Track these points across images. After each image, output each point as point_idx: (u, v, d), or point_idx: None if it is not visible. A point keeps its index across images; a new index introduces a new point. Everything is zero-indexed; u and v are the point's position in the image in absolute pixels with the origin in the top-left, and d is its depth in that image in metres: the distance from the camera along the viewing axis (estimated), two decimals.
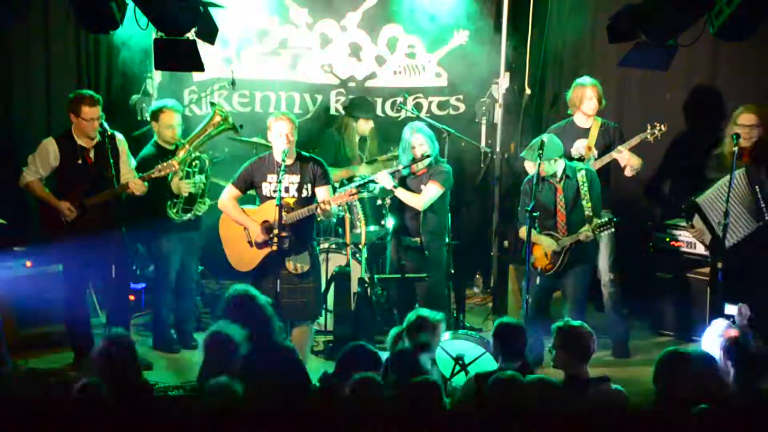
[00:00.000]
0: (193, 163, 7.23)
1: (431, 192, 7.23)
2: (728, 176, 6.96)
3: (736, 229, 7.12)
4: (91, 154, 6.89)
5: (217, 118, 7.38)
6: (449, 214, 7.45)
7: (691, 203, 7.28)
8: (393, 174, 7.30)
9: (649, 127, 7.41)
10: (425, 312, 5.60)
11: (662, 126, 7.40)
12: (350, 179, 7.99)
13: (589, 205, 6.87)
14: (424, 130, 7.29)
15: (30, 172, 6.87)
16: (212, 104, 7.80)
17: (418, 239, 7.30)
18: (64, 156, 6.84)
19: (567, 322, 5.17)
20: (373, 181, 7.30)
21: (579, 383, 4.95)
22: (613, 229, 6.92)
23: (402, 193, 7.27)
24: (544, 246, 6.96)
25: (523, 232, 6.91)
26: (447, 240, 7.40)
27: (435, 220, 7.31)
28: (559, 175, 6.93)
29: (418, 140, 7.22)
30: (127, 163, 7.01)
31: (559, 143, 6.95)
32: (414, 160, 7.23)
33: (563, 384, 4.94)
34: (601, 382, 4.99)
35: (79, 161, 6.86)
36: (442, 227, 7.36)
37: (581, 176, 6.93)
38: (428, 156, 7.21)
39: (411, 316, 5.60)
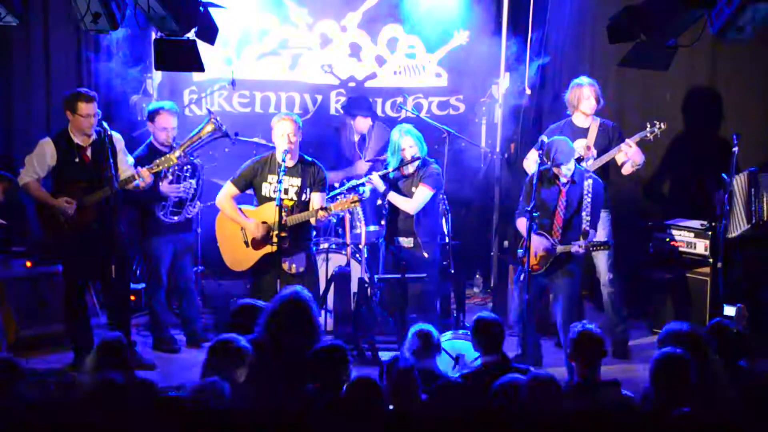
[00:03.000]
0: (185, 168, 7.20)
1: (422, 195, 7.16)
2: None
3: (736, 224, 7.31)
4: (88, 153, 6.87)
5: (210, 127, 7.25)
6: (443, 215, 7.37)
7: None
8: (383, 177, 7.22)
9: (648, 126, 7.39)
10: (427, 328, 5.53)
11: (662, 124, 7.38)
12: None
13: (588, 219, 6.78)
14: (413, 131, 7.21)
15: (27, 172, 6.84)
16: (209, 111, 7.79)
17: (411, 239, 7.25)
18: (61, 155, 6.82)
19: (584, 326, 5.14)
20: (363, 184, 7.14)
21: (589, 386, 4.94)
22: (606, 251, 6.82)
23: (394, 197, 7.20)
24: (534, 247, 6.87)
25: (519, 222, 6.90)
26: (440, 240, 7.35)
27: (427, 221, 7.26)
28: (566, 178, 6.78)
29: (408, 142, 7.13)
30: (124, 161, 7.00)
31: (571, 145, 6.86)
32: (404, 163, 7.16)
33: (575, 386, 4.96)
34: (612, 387, 4.97)
35: (77, 160, 6.84)
36: (434, 228, 7.32)
37: (587, 184, 6.78)
38: (418, 158, 7.14)
39: (414, 330, 5.51)
